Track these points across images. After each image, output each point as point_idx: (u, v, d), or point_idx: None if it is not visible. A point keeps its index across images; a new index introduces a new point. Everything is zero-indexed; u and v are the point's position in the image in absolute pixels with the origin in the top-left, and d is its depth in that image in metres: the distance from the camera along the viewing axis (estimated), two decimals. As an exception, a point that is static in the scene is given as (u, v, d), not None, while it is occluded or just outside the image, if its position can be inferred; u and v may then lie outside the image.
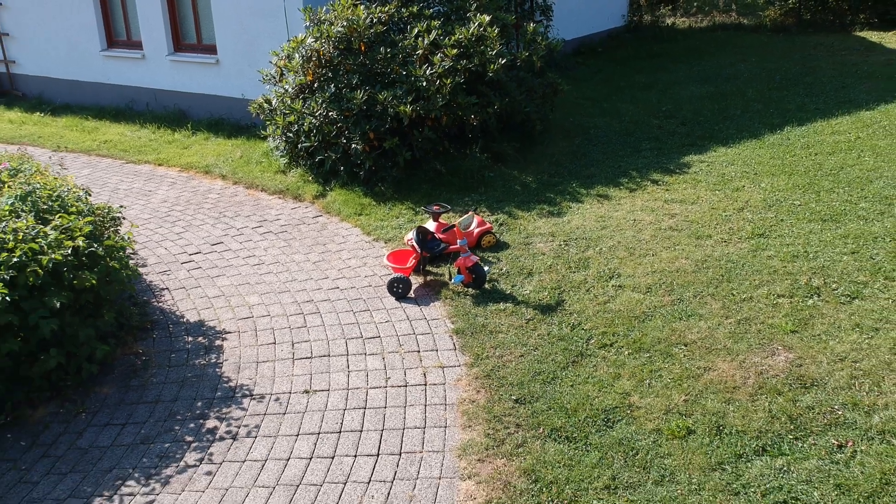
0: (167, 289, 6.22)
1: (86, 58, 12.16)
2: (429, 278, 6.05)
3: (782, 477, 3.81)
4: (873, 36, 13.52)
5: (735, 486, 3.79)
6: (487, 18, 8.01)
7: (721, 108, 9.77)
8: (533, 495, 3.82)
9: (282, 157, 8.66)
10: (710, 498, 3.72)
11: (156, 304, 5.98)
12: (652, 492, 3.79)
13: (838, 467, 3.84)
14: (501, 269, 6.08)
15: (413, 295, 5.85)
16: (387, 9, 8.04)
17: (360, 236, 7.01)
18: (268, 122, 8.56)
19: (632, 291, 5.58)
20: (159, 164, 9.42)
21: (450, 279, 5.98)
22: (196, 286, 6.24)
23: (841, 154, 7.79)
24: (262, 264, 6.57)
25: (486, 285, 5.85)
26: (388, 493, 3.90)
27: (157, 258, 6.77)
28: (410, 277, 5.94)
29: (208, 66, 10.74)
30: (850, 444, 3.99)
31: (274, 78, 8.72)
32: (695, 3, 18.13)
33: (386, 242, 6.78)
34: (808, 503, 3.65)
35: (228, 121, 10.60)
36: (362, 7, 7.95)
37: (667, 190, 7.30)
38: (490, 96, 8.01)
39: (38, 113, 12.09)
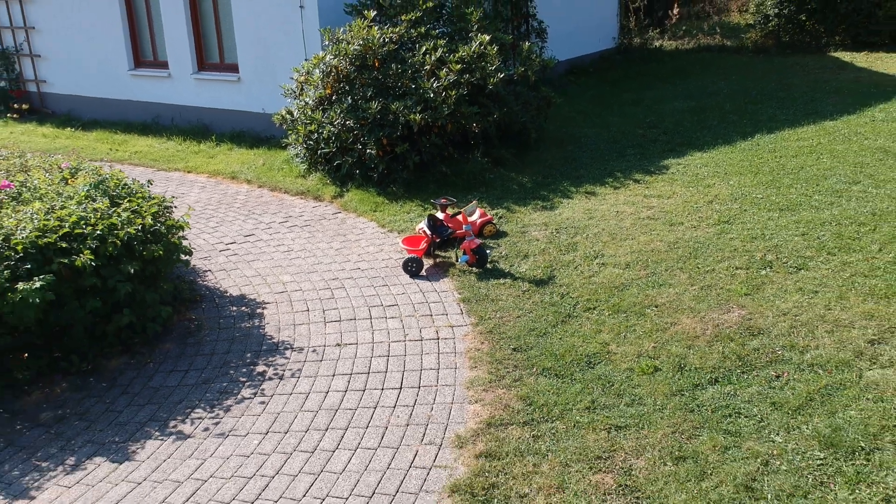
0: (209, 271, 7.20)
1: (114, 77, 13.23)
2: (438, 260, 7.03)
3: (729, 399, 4.77)
4: (846, 56, 14.63)
5: (691, 405, 4.75)
6: (487, 38, 9.08)
7: (700, 120, 10.82)
8: (528, 413, 4.78)
9: (302, 163, 9.67)
10: (671, 414, 4.68)
11: (201, 282, 6.96)
12: (624, 411, 4.75)
13: (774, 391, 4.80)
14: (501, 253, 7.06)
15: (425, 273, 6.83)
16: (398, 29, 9.10)
17: (376, 229, 8.00)
18: (289, 132, 9.59)
19: (613, 268, 6.57)
20: (188, 172, 10.43)
21: (456, 260, 6.96)
22: (235, 268, 7.22)
23: (803, 157, 8.82)
24: (290, 251, 7.56)
25: (488, 265, 6.82)
26: (411, 414, 4.86)
27: (198, 247, 7.75)
28: (422, 258, 6.92)
29: (230, 84, 11.80)
30: (785, 374, 4.95)
31: (294, 92, 9.77)
32: (683, 27, 19.29)
33: (399, 233, 7.77)
34: (748, 416, 4.60)
35: (249, 133, 11.63)
36: (376, 28, 9.01)
37: (647, 187, 8.32)
38: (490, 107, 9.06)
39: (69, 128, 13.12)
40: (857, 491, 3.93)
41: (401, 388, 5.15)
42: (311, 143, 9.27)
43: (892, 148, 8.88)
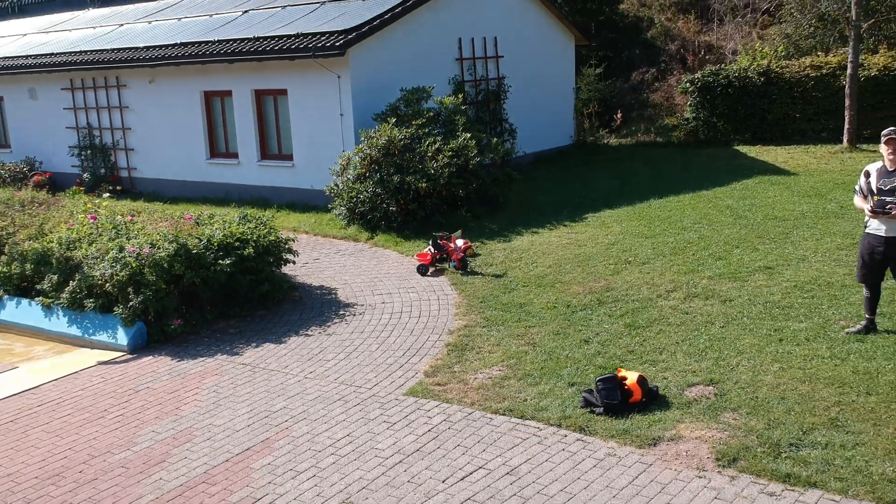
0: (297, 275, 12.19)
1: (194, 165, 18.51)
2: (437, 267, 12.04)
3: (588, 315, 9.69)
4: (744, 149, 20.08)
5: (568, 319, 9.66)
6: (469, 135, 14.38)
7: (619, 192, 16.05)
8: (486, 323, 9.68)
9: (343, 219, 14.78)
10: (558, 322, 9.58)
11: (293, 280, 11.94)
12: (534, 321, 9.64)
13: (612, 311, 9.73)
14: (476, 263, 12.08)
15: (430, 274, 11.83)
16: (410, 130, 14.38)
17: (398, 255, 13.04)
18: (335, 197, 14.74)
19: (541, 268, 11.59)
20: (261, 227, 15.48)
21: (448, 267, 11.97)
22: (312, 274, 12.22)
23: (673, 211, 14.01)
24: (344, 266, 12.57)
25: (468, 269, 11.82)
26: (425, 325, 9.77)
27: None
28: (429, 265, 11.92)
29: (286, 168, 17.06)
30: (619, 305, 9.91)
31: (338, 171, 14.98)
32: (633, 127, 24.91)
33: (413, 256, 12.79)
34: (595, 320, 9.51)
35: (300, 204, 16.78)
36: (396, 129, 14.29)
37: (570, 229, 13.45)
38: (471, 179, 14.26)
39: (158, 202, 18.26)
40: (636, 338, 8.83)
41: (419, 316, 10.09)
42: (351, 204, 14.41)
43: (733, 205, 14.10)
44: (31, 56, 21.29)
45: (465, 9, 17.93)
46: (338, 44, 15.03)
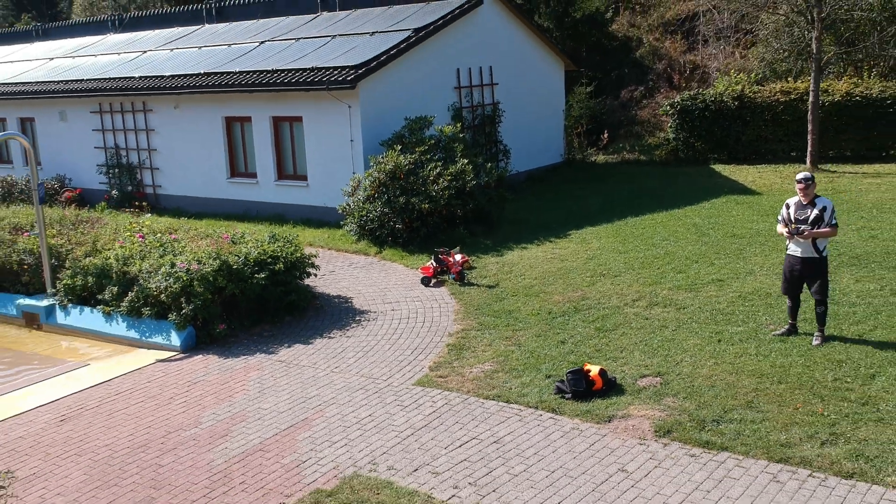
0: (316, 286, 14.22)
1: (215, 184, 20.55)
2: (439, 279, 14.07)
3: (566, 320, 11.70)
4: (719, 167, 22.14)
5: (550, 323, 11.67)
6: (466, 161, 16.42)
7: (601, 209, 18.09)
8: (480, 327, 11.70)
9: (354, 235, 16.80)
10: (540, 326, 11.60)
11: (314, 291, 13.96)
12: (521, 326, 11.66)
13: (587, 317, 11.75)
14: (472, 276, 14.11)
15: (432, 285, 13.85)
16: (413, 156, 16.41)
17: (404, 268, 15.07)
18: (347, 216, 16.77)
19: (528, 279, 13.62)
20: (280, 242, 17.51)
21: (448, 279, 14.00)
22: (330, 285, 14.25)
23: (646, 228, 16.05)
24: (357, 278, 14.60)
25: (465, 281, 13.84)
26: (429, 328, 11.80)
27: (305, 277, 14.76)
28: (431, 278, 13.94)
29: (301, 188, 19.09)
30: (591, 312, 11.94)
31: (349, 192, 17.02)
32: (620, 145, 26.96)
33: (417, 269, 14.82)
34: (571, 325, 11.54)
35: (314, 220, 18.81)
36: (401, 155, 16.33)
37: (554, 244, 15.50)
38: (468, 200, 16.29)
39: (183, 218, 20.28)
40: (603, 339, 10.86)
41: (424, 321, 12.12)
42: (361, 222, 16.44)
43: (699, 223, 16.15)
44: (61, 81, 23.32)
45: (463, 41, 19.99)
46: (349, 78, 17.07)
